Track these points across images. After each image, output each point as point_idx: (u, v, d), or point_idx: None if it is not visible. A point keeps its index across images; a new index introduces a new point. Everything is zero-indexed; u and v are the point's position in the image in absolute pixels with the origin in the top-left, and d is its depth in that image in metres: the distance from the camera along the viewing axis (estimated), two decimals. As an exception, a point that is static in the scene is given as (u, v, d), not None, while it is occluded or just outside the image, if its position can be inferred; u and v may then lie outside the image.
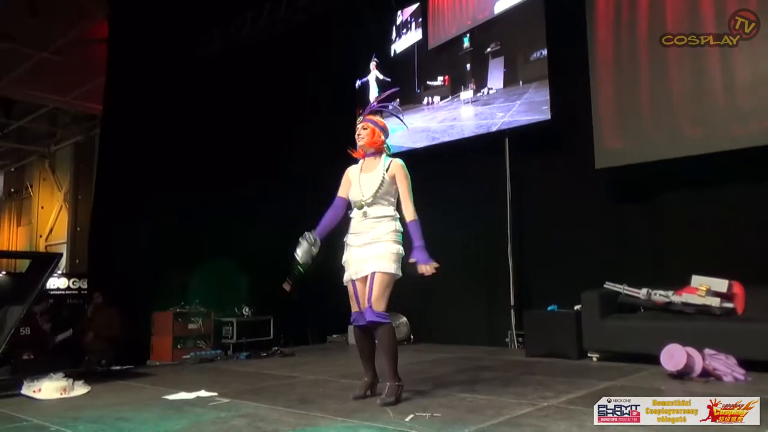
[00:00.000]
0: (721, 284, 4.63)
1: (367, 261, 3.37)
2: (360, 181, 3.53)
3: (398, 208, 3.52)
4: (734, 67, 4.93)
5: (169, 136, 6.67)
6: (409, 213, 3.45)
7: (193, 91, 6.93)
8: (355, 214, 3.49)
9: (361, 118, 3.66)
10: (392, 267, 3.35)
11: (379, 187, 3.44)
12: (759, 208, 5.02)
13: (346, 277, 3.50)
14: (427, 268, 3.34)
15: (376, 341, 3.42)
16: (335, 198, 3.64)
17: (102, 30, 7.47)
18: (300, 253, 3.44)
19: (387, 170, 3.48)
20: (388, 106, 3.93)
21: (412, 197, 3.50)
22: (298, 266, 3.44)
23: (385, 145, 3.62)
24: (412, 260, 3.36)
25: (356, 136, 3.62)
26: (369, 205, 3.44)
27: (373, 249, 3.37)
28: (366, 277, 3.37)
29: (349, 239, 3.50)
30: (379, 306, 3.32)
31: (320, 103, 7.83)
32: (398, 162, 3.54)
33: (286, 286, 3.48)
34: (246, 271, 6.73)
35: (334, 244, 3.63)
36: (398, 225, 3.45)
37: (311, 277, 7.16)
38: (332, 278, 3.86)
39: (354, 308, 3.47)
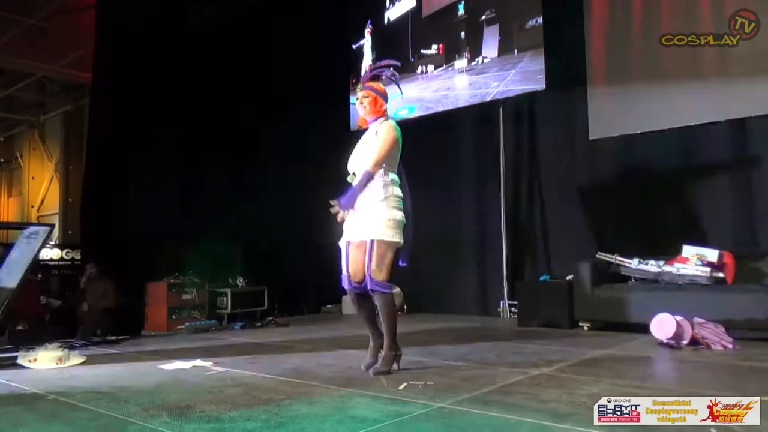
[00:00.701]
0: (711, 254, 4.68)
1: (365, 227, 3.28)
2: (357, 149, 3.46)
3: (398, 173, 3.43)
4: (729, 44, 4.91)
5: (160, 104, 6.57)
6: (369, 163, 3.29)
7: (184, 57, 6.80)
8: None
9: (361, 85, 3.52)
10: (389, 234, 3.26)
11: (369, 152, 3.34)
12: (750, 179, 5.04)
13: (342, 240, 3.42)
14: (336, 209, 3.30)
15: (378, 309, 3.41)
16: None
17: (90, -5, 7.29)
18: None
19: (377, 133, 3.38)
20: (384, 72, 3.68)
21: (390, 158, 3.35)
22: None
23: (386, 111, 3.50)
24: (333, 203, 3.31)
25: (357, 104, 3.50)
26: (358, 172, 3.36)
27: (370, 215, 3.28)
28: (362, 242, 3.30)
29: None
30: (379, 275, 3.27)
31: (314, 72, 7.72)
32: (389, 122, 3.41)
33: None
34: (240, 241, 6.73)
35: (330, 216, 3.60)
36: (396, 190, 3.35)
37: (306, 248, 7.13)
38: (328, 249, 3.86)
39: (344, 270, 3.40)
